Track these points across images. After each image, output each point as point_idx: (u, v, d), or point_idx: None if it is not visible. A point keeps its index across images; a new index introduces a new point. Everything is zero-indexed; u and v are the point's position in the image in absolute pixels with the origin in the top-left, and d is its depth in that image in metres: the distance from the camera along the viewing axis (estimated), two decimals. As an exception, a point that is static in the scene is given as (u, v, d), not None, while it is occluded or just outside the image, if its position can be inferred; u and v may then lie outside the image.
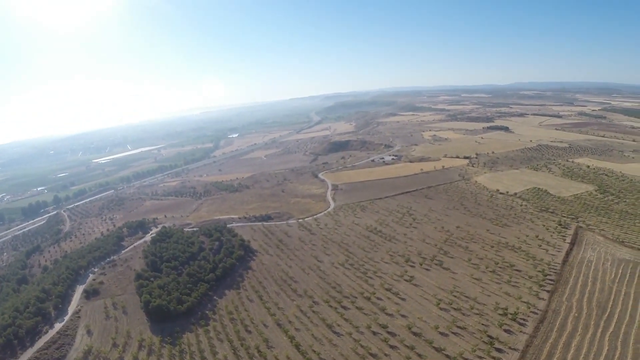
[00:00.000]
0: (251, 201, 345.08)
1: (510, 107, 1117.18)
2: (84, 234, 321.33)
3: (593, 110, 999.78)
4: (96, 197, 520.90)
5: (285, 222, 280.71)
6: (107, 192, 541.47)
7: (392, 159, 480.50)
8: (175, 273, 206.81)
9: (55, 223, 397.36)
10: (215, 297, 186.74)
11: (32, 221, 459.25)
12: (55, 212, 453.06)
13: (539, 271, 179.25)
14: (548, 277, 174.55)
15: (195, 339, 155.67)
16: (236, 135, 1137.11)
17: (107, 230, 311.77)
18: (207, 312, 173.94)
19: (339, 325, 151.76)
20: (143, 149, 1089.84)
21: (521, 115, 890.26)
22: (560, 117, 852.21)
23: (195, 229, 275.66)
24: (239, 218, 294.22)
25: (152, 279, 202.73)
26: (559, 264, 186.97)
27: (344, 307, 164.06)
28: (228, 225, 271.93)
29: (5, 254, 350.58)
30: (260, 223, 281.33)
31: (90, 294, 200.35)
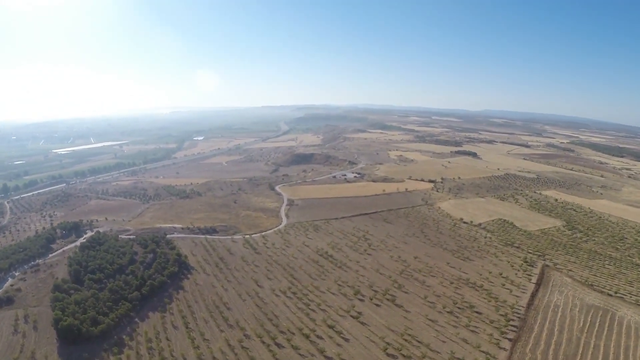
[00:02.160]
0: (200, 210, 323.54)
1: (480, 134, 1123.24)
2: (18, 230, 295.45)
3: (561, 142, 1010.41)
4: (45, 189, 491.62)
5: (230, 237, 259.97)
6: (59, 186, 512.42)
7: (355, 176, 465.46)
8: (97, 287, 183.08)
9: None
10: (136, 320, 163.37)
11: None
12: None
13: (502, 315, 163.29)
14: (511, 322, 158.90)
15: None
16: (201, 138, 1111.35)
17: (43, 228, 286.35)
18: (124, 336, 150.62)
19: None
20: (106, 144, 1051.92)
21: (490, 142, 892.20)
22: (528, 146, 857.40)
23: (132, 236, 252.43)
24: (182, 228, 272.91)
25: (71, 291, 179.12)
26: (523, 307, 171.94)
27: (278, 345, 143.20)
28: (168, 236, 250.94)
29: None
30: (203, 236, 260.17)
31: (4, 302, 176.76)
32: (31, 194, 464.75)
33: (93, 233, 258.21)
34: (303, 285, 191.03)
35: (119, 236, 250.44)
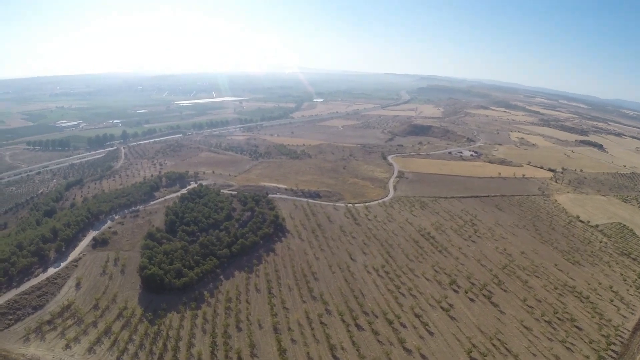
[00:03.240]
0: (307, 172, 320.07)
1: (608, 124, 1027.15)
2: (127, 176, 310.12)
3: None
4: (161, 138, 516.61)
5: (333, 203, 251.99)
6: (175, 136, 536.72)
7: (471, 155, 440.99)
8: (189, 240, 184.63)
9: (110, 158, 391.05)
10: (221, 277, 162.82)
11: (93, 152, 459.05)
12: (115, 148, 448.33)
13: (603, 335, 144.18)
14: (612, 346, 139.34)
15: (177, 322, 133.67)
16: (321, 100, 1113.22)
17: (151, 175, 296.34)
18: (205, 292, 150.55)
19: (342, 349, 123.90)
20: (227, 99, 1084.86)
21: (618, 135, 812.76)
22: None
23: (233, 192, 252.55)
24: (286, 189, 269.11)
25: (163, 240, 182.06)
26: (629, 330, 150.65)
27: (358, 327, 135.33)
28: (270, 195, 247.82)
29: (54, 180, 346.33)
30: (306, 200, 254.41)
31: (99, 243, 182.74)
32: (146, 141, 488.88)
33: (196, 185, 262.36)
34: (398, 265, 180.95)
35: (221, 191, 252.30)
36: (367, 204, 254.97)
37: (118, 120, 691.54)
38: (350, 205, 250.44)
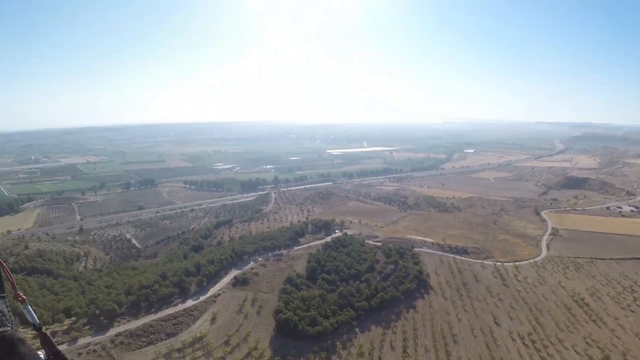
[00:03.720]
0: (455, 226, 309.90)
1: None
2: (275, 220, 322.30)
3: None
4: (312, 185, 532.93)
5: (481, 261, 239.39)
6: (325, 184, 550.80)
7: (632, 210, 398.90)
8: (328, 288, 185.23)
9: (261, 202, 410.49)
10: (356, 329, 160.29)
11: (245, 195, 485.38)
12: (266, 192, 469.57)
13: None
14: None
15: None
16: (472, 151, 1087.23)
17: (298, 221, 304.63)
18: (337, 343, 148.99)
19: None
20: (377, 148, 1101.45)
21: None
22: None
23: (378, 243, 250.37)
24: (432, 243, 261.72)
25: (302, 287, 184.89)
26: None
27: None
28: (415, 249, 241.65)
29: (206, 218, 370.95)
30: (452, 255, 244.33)
31: (239, 282, 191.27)
32: (297, 188, 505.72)
33: (341, 234, 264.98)
34: (546, 334, 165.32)
35: (366, 241, 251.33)
36: (517, 263, 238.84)
37: (271, 166, 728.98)
38: (499, 263, 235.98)
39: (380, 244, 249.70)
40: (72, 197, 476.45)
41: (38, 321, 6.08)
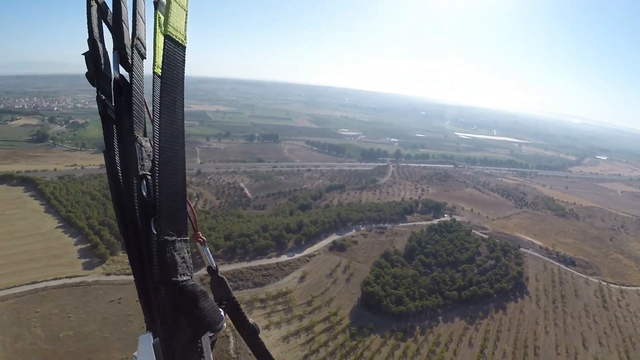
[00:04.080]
0: (568, 234, 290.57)
1: None
2: (387, 193, 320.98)
3: None
4: (431, 165, 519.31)
5: (586, 277, 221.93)
6: (445, 166, 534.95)
7: None
8: (422, 271, 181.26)
9: (377, 173, 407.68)
10: (439, 318, 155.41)
11: (364, 163, 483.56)
12: (385, 164, 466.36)
13: None
14: None
15: (377, 346, 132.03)
16: (605, 158, 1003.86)
17: (410, 198, 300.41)
18: (417, 327, 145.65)
19: None
20: (506, 138, 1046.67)
21: None
22: None
23: (484, 235, 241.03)
24: (540, 247, 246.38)
25: (396, 263, 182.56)
26: None
27: None
28: (521, 249, 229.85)
29: (320, 180, 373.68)
30: (558, 264, 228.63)
31: (336, 247, 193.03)
32: (417, 165, 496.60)
33: (449, 219, 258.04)
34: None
35: (472, 231, 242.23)
36: (623, 287, 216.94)
37: (395, 139, 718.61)
38: (605, 283, 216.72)
39: (487, 236, 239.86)
40: (196, 142, 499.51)
41: (215, 265, 5.77)
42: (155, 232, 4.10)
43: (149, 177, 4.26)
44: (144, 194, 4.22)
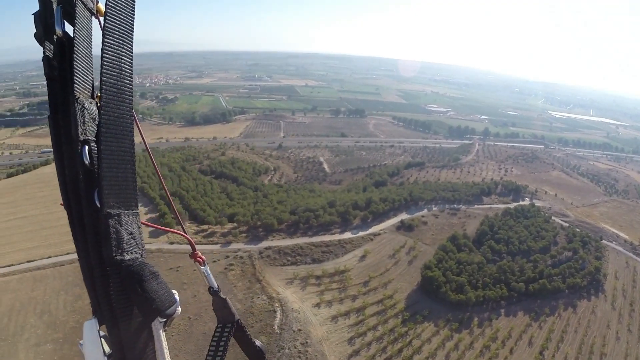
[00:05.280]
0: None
1: None
2: (468, 172, 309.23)
3: None
4: (520, 145, 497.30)
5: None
6: (535, 146, 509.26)
7: None
8: (490, 258, 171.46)
9: (462, 151, 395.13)
10: (502, 310, 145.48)
11: (450, 141, 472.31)
12: (471, 142, 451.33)
13: None
14: None
15: (428, 335, 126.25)
16: None
17: (491, 179, 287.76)
18: (475, 318, 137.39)
19: None
20: (603, 119, 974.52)
21: None
22: None
23: (565, 223, 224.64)
24: (625, 241, 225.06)
25: (463, 248, 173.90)
26: None
27: None
28: (603, 241, 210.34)
29: (402, 157, 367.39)
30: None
31: (404, 227, 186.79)
32: (504, 144, 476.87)
33: (528, 203, 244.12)
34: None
35: (552, 218, 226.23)
36: None
37: (485, 117, 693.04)
38: None
39: (567, 225, 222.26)
40: (281, 116, 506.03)
41: (216, 285, 5.43)
42: (98, 205, 3.54)
43: (93, 142, 3.69)
44: (86, 161, 3.63)
